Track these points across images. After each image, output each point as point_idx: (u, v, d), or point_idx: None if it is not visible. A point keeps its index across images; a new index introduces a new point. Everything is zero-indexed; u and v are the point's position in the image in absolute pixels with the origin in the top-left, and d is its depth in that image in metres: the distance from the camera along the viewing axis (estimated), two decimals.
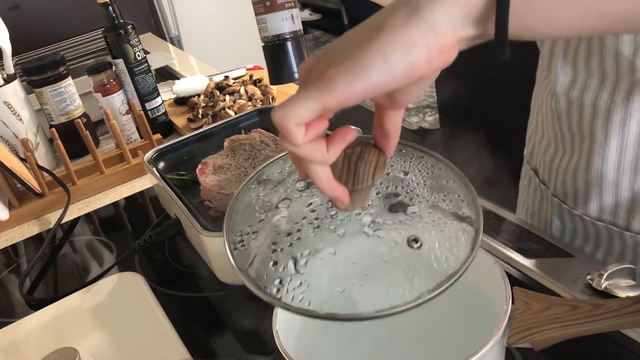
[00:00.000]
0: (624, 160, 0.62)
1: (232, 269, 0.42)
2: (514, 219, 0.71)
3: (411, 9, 0.32)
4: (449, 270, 0.40)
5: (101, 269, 0.80)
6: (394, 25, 0.32)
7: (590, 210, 0.68)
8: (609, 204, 0.65)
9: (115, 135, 1.02)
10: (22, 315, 0.68)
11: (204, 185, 0.75)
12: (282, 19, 0.68)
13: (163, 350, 0.56)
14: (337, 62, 0.33)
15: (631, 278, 0.55)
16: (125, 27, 1.07)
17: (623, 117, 0.60)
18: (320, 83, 0.33)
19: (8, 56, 1.08)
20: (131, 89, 1.12)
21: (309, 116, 0.33)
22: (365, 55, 0.32)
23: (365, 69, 0.32)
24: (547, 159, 0.72)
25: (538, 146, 0.75)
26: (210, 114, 1.12)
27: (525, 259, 0.63)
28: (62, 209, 0.94)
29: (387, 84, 0.32)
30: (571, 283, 0.58)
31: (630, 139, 0.61)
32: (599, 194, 0.65)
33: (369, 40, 0.32)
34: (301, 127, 0.34)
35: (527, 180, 0.80)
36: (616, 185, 0.64)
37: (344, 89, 0.32)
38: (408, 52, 0.32)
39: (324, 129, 0.35)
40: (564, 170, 0.69)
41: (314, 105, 0.33)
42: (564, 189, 0.70)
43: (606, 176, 0.64)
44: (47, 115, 1.11)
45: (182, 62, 1.68)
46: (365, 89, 0.32)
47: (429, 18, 0.32)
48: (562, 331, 0.43)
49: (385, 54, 0.32)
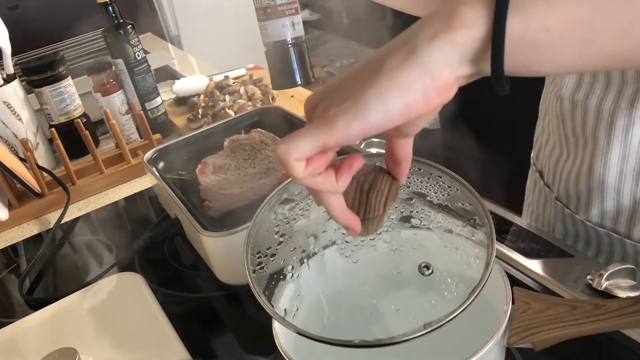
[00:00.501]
0: (626, 167, 0.62)
1: (252, 291, 0.43)
2: (514, 219, 0.71)
3: (409, 50, 0.33)
4: (457, 298, 0.41)
5: (101, 269, 0.80)
6: (391, 66, 0.33)
7: (592, 216, 0.67)
8: (611, 211, 0.65)
9: (115, 135, 1.02)
10: (21, 315, 0.68)
11: (204, 185, 0.75)
12: (282, 25, 0.69)
13: (163, 350, 0.56)
14: (338, 101, 0.34)
15: (631, 278, 0.55)
16: (125, 27, 1.07)
17: (626, 124, 0.59)
18: (322, 121, 0.34)
19: (8, 56, 1.08)
20: (131, 89, 1.12)
21: (308, 152, 0.35)
22: (364, 96, 0.33)
23: (364, 110, 0.33)
24: (552, 162, 0.72)
25: (544, 149, 0.75)
26: (210, 114, 1.12)
27: (525, 259, 0.63)
28: (61, 209, 0.94)
29: (385, 124, 0.33)
30: (571, 283, 0.58)
31: (633, 146, 0.60)
32: (601, 200, 0.65)
33: (368, 81, 0.33)
34: (301, 161, 0.35)
35: (533, 182, 0.80)
36: (617, 192, 0.63)
37: (344, 129, 0.33)
38: (405, 94, 0.32)
39: (327, 162, 0.36)
40: (567, 174, 0.69)
41: (314, 143, 0.34)
42: (566, 193, 0.70)
43: (608, 182, 0.63)
44: (47, 115, 1.11)
45: (182, 62, 1.67)
46: (364, 129, 0.33)
47: (426, 59, 0.32)
48: (562, 331, 0.43)
49: (383, 96, 0.32)
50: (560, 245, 0.65)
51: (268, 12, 0.70)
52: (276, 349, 0.45)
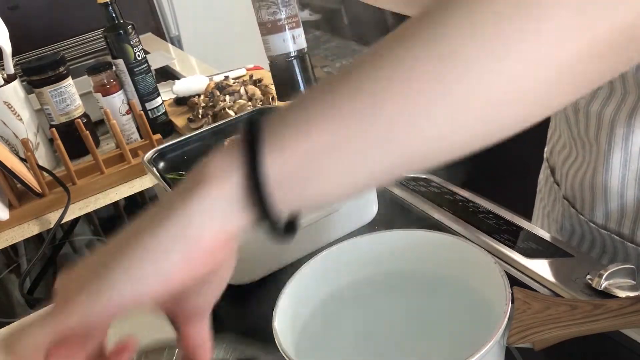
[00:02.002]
0: (628, 173, 0.61)
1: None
2: (514, 219, 0.71)
3: (163, 216, 0.29)
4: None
5: None
6: (143, 238, 0.29)
7: (597, 218, 0.67)
8: (615, 213, 0.65)
9: (115, 135, 1.02)
10: (22, 315, 0.68)
11: None
12: (283, 39, 0.72)
13: None
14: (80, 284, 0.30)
15: (631, 278, 0.55)
16: (125, 27, 1.07)
17: (626, 132, 0.59)
18: (57, 307, 0.30)
19: (8, 56, 1.08)
20: (131, 89, 1.12)
21: (41, 340, 0.29)
22: (109, 274, 0.29)
23: (112, 279, 0.29)
24: (561, 160, 0.72)
25: (555, 146, 0.75)
26: (210, 114, 1.12)
27: (525, 259, 0.63)
28: (62, 209, 0.94)
29: (138, 300, 0.29)
30: (571, 283, 0.58)
31: (634, 153, 0.60)
32: (604, 203, 0.65)
33: (119, 256, 0.29)
34: (37, 354, 0.29)
35: (545, 178, 0.80)
36: (621, 196, 0.63)
37: (87, 300, 0.29)
38: (157, 263, 0.29)
39: (82, 353, 0.31)
40: (574, 173, 0.69)
41: (48, 327, 0.29)
42: (573, 192, 0.70)
43: (611, 186, 0.63)
44: (47, 115, 1.11)
45: (182, 62, 1.67)
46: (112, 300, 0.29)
47: (183, 225, 0.29)
48: (562, 331, 0.43)
49: (129, 272, 0.29)
50: (560, 245, 0.65)
51: (269, 27, 0.72)
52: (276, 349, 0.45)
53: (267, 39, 0.73)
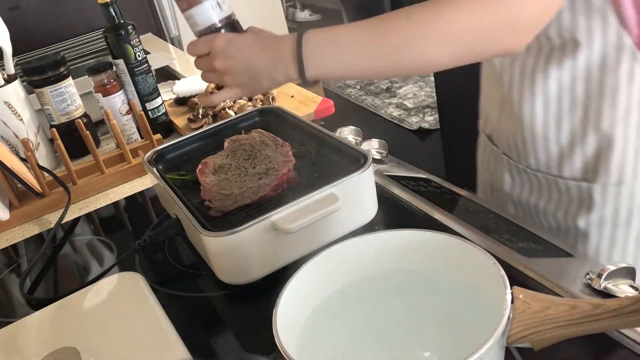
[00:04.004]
0: (548, 116, 0.74)
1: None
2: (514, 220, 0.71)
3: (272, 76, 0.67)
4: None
5: (101, 268, 0.80)
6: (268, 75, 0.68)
7: (530, 164, 0.80)
8: (542, 157, 0.78)
9: (116, 135, 1.02)
10: (22, 315, 0.68)
11: (204, 185, 0.75)
12: (209, 9, 0.66)
13: (163, 350, 0.56)
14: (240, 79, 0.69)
15: (630, 278, 0.55)
16: (125, 28, 1.08)
17: (543, 77, 0.72)
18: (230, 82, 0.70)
19: (8, 56, 1.08)
20: (131, 89, 1.12)
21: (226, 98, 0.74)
22: (258, 82, 0.69)
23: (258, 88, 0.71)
24: (495, 123, 0.86)
25: (488, 115, 0.89)
26: (210, 114, 1.12)
27: (525, 258, 0.63)
28: (62, 209, 0.94)
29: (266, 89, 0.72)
30: (571, 283, 0.58)
31: (551, 97, 0.73)
32: (534, 148, 0.78)
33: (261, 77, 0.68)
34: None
35: (483, 147, 0.93)
36: (545, 139, 0.76)
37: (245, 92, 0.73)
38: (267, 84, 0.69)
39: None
40: (507, 129, 0.82)
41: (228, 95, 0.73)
42: (508, 146, 0.83)
43: (536, 132, 0.76)
44: (48, 116, 1.11)
45: (183, 62, 1.68)
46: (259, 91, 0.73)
47: (278, 81, 0.68)
48: (561, 331, 0.43)
49: (262, 84, 0.69)
50: (560, 245, 0.65)
51: (190, 0, 0.67)
52: (276, 349, 0.45)
53: (191, 13, 0.67)
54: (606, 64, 0.68)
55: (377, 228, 0.73)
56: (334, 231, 0.69)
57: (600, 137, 0.72)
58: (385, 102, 3.25)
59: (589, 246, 0.78)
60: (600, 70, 0.68)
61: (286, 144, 0.81)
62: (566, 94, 0.71)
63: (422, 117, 2.98)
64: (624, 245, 0.77)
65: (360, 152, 0.73)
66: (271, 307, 0.49)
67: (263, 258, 0.66)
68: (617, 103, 0.69)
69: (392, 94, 3.33)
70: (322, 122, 1.02)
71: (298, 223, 0.64)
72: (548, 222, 0.82)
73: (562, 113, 0.73)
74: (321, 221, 0.66)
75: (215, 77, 0.71)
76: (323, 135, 0.81)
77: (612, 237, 0.76)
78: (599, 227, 0.76)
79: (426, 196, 0.78)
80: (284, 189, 0.73)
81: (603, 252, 0.77)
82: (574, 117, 0.72)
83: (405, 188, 0.81)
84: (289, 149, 0.79)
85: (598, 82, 0.69)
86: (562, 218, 0.79)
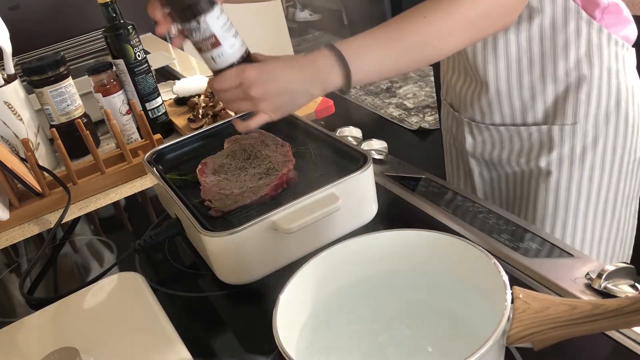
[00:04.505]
0: (511, 75, 0.85)
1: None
2: (514, 219, 0.71)
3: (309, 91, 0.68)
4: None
5: (101, 268, 0.80)
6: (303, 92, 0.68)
7: (495, 120, 0.91)
8: (507, 111, 0.89)
9: (116, 135, 1.02)
10: (22, 315, 0.68)
11: (204, 185, 0.75)
12: (228, 48, 0.67)
13: (163, 350, 0.56)
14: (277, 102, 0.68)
15: (630, 278, 0.55)
16: (125, 27, 1.08)
17: (505, 41, 0.83)
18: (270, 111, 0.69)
19: (8, 56, 1.08)
20: (131, 89, 1.12)
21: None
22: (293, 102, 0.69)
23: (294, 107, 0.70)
24: (458, 90, 0.96)
25: (450, 83, 0.99)
26: (210, 114, 1.12)
27: (525, 258, 0.63)
28: (62, 208, 0.94)
29: (299, 106, 0.70)
30: (571, 283, 0.58)
31: (512, 58, 0.84)
32: (499, 106, 0.89)
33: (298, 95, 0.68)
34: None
35: (445, 113, 1.05)
36: (509, 96, 0.87)
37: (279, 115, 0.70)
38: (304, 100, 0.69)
39: None
40: (471, 95, 0.92)
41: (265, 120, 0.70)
42: (472, 109, 0.93)
43: (501, 90, 0.87)
44: (48, 115, 1.11)
45: (182, 62, 1.68)
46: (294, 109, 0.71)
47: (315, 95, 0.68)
48: (561, 331, 0.43)
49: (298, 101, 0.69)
50: (560, 245, 0.65)
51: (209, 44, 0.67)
52: (276, 349, 0.45)
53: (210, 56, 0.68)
54: (556, 24, 0.80)
55: (377, 228, 0.73)
56: (334, 231, 0.69)
57: (557, 85, 0.84)
58: (385, 102, 3.25)
59: (550, 182, 0.88)
60: (551, 30, 0.81)
61: (286, 144, 0.81)
62: (525, 53, 0.83)
63: (422, 117, 2.98)
64: (579, 180, 0.88)
65: (360, 152, 0.73)
66: (271, 307, 0.49)
67: (263, 258, 0.66)
68: (569, 55, 0.82)
69: (392, 94, 3.33)
70: (322, 122, 1.02)
71: (298, 223, 0.64)
72: (512, 169, 0.93)
73: (522, 70, 0.85)
74: (321, 221, 0.66)
75: (249, 105, 0.68)
76: (323, 135, 0.81)
77: (570, 172, 0.88)
78: (559, 165, 0.88)
79: (426, 196, 0.78)
80: (284, 189, 0.73)
81: (562, 188, 0.88)
82: (534, 72, 0.84)
83: (406, 188, 0.81)
84: (289, 149, 0.79)
85: (551, 39, 0.81)
86: (525, 163, 0.91)
